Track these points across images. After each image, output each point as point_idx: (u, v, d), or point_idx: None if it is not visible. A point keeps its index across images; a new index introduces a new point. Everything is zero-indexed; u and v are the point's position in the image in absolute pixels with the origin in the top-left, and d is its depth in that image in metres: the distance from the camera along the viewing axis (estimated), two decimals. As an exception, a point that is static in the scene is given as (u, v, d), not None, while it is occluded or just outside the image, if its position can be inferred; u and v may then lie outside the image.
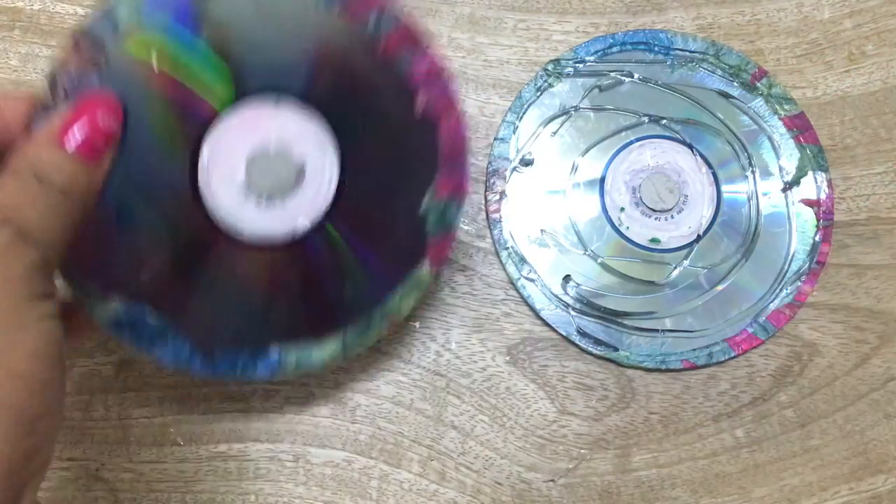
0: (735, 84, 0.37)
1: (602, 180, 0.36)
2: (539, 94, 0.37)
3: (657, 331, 0.35)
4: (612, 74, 0.37)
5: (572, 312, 0.35)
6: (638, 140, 0.36)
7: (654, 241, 0.36)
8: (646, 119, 0.36)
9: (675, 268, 0.35)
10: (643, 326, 0.35)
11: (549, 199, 0.36)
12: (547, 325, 0.35)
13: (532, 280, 0.35)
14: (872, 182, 0.36)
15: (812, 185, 0.36)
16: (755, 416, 0.35)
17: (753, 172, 0.36)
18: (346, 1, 0.27)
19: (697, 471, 0.34)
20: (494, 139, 0.36)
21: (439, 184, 0.28)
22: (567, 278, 0.35)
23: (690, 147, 0.36)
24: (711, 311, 0.35)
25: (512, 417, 0.34)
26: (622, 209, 0.36)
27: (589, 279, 0.35)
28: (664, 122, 0.36)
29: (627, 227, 0.36)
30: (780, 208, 0.36)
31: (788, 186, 0.36)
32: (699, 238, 0.36)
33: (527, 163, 0.36)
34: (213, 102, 0.27)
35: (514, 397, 0.35)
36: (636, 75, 0.37)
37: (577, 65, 0.37)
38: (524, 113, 0.37)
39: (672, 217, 0.36)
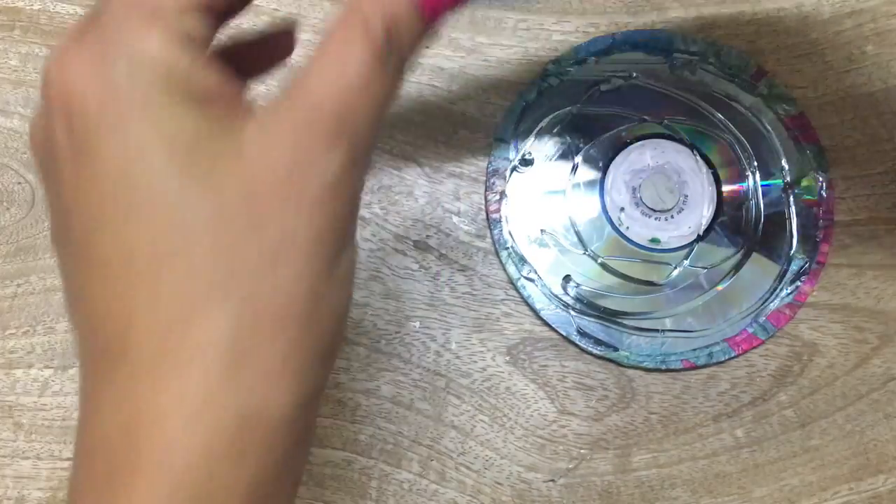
0: (735, 84, 0.37)
1: (602, 180, 0.36)
2: (539, 94, 0.37)
3: (657, 331, 0.35)
4: (613, 74, 0.37)
5: (572, 312, 0.35)
6: (638, 140, 0.36)
7: (654, 241, 0.36)
8: (646, 119, 0.36)
9: (675, 268, 0.35)
10: (643, 326, 0.35)
11: (549, 199, 0.36)
12: (547, 325, 0.35)
13: (532, 280, 0.35)
14: (872, 182, 0.36)
15: (812, 185, 0.36)
16: (755, 416, 0.35)
17: (753, 172, 0.36)
18: None
19: (697, 471, 0.34)
20: (494, 139, 0.36)
21: None
22: (567, 278, 0.35)
23: (690, 147, 0.36)
24: (711, 311, 0.35)
25: (512, 417, 0.34)
26: (622, 209, 0.36)
27: (589, 279, 0.35)
28: (664, 122, 0.36)
29: (627, 227, 0.36)
30: (780, 208, 0.36)
31: (788, 186, 0.36)
32: (699, 238, 0.36)
33: (527, 163, 0.36)
34: None
35: (514, 397, 0.35)
36: (636, 75, 0.37)
37: (577, 65, 0.37)
38: (524, 113, 0.37)
39: (672, 217, 0.36)
